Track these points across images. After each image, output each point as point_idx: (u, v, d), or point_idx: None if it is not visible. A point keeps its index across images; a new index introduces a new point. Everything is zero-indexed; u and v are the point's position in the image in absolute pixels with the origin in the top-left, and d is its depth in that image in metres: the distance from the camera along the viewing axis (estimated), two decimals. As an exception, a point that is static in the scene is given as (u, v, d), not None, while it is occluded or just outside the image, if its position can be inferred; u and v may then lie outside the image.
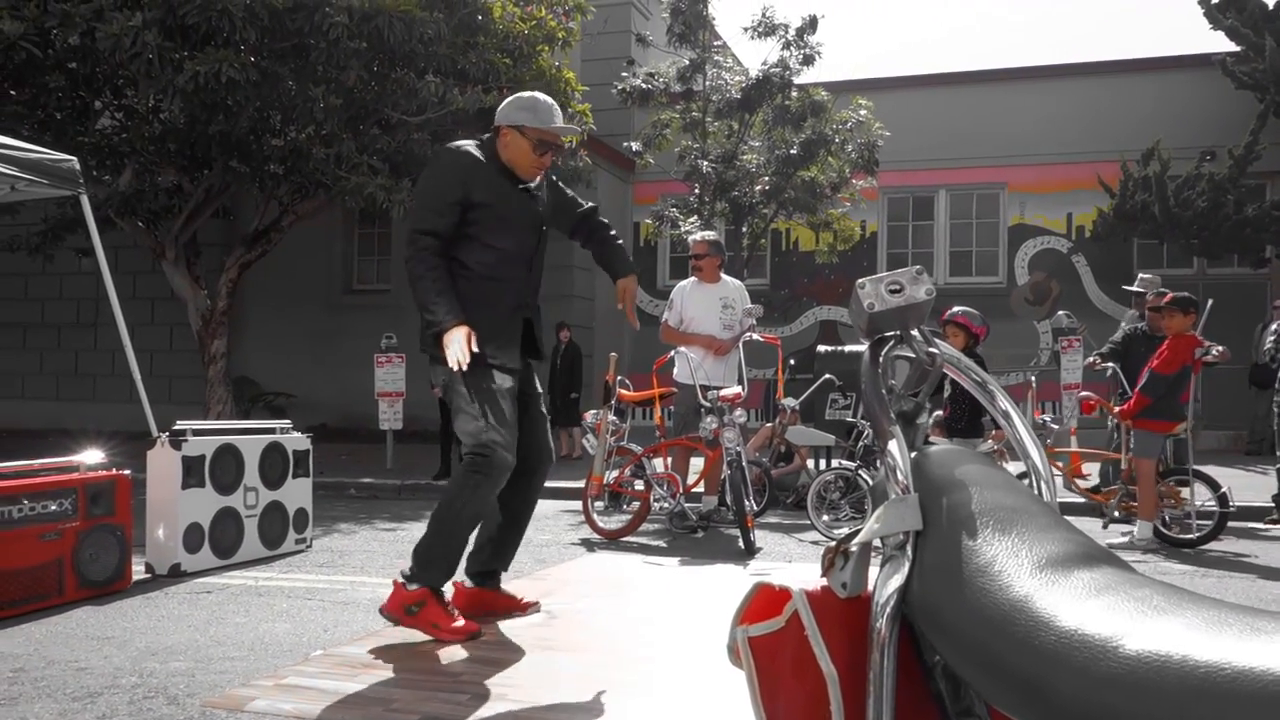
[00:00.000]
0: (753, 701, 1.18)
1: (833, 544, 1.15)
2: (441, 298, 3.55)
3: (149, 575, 4.96)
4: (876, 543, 1.11)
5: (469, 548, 3.84)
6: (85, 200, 6.18)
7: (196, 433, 5.12)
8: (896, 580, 1.03)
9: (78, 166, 6.06)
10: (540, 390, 4.07)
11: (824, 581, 1.15)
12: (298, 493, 5.79)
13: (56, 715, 2.89)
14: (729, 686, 3.14)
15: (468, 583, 3.97)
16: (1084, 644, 0.78)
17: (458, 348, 3.45)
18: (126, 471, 4.79)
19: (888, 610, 1.03)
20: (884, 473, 1.14)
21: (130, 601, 4.44)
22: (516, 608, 4.01)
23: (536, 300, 4.00)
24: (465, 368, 3.45)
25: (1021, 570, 0.91)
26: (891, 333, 1.31)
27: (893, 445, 1.14)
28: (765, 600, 1.19)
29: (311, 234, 14.52)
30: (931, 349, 1.28)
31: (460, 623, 3.61)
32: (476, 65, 10.55)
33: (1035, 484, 1.18)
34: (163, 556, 4.99)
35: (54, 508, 4.37)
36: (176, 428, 5.15)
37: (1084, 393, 6.45)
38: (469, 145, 3.81)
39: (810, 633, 1.10)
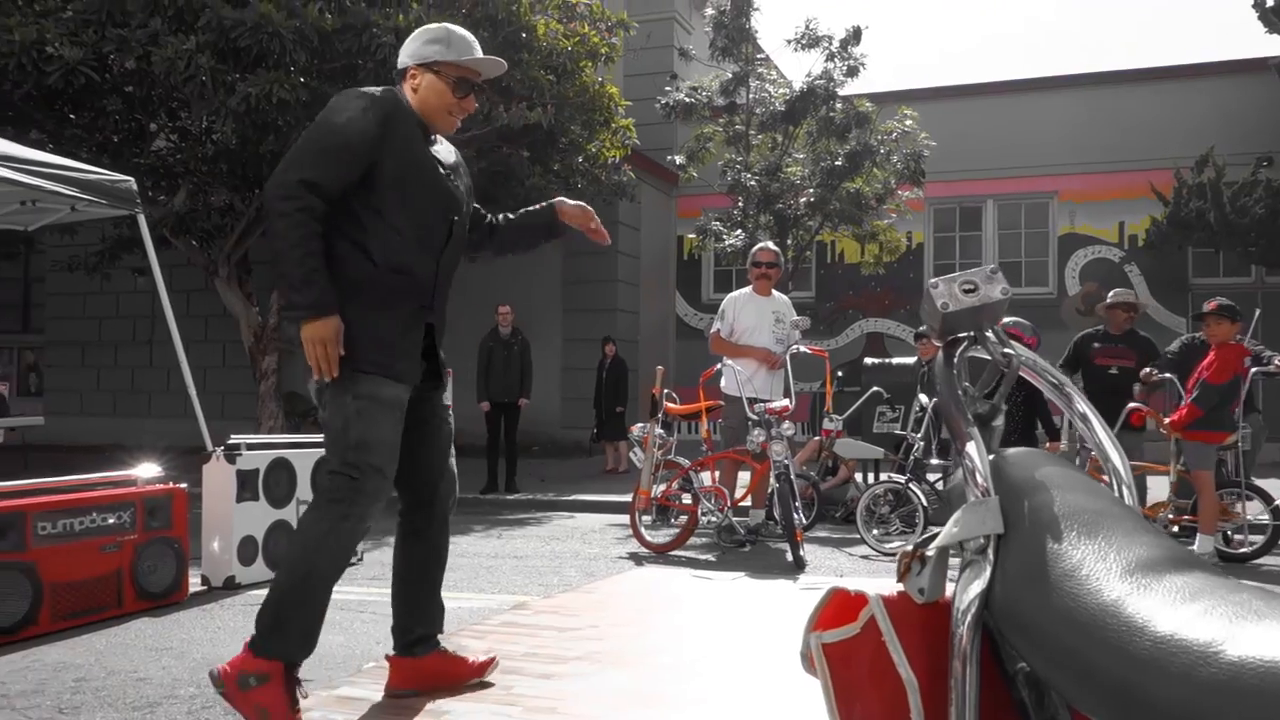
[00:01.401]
0: (828, 709, 1.15)
1: (909, 549, 1.12)
2: (315, 276, 2.72)
3: (205, 587, 5.03)
4: (955, 547, 1.08)
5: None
6: (142, 219, 6.31)
7: (250, 447, 5.20)
8: (978, 585, 1.01)
9: (134, 187, 6.20)
10: (447, 407, 3.30)
11: (900, 587, 1.13)
12: (348, 506, 5.83)
13: (117, 725, 2.93)
14: (783, 701, 3.10)
15: (396, 654, 3.21)
16: (1183, 649, 0.75)
17: (323, 353, 2.74)
18: (183, 485, 4.87)
19: (969, 616, 1.00)
20: (962, 475, 1.11)
21: (187, 613, 4.50)
22: (469, 674, 3.21)
23: (444, 305, 3.19)
24: (330, 378, 2.78)
25: (1111, 574, 0.88)
26: (965, 333, 1.29)
27: (971, 447, 1.12)
28: (839, 606, 1.16)
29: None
30: (1007, 350, 1.25)
31: (296, 716, 2.72)
32: (521, 82, 10.65)
33: (1116, 488, 1.15)
34: (218, 569, 5.06)
35: (113, 521, 4.45)
36: (231, 442, 5.23)
37: (1132, 404, 6.30)
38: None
39: (888, 639, 1.07)
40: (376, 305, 2.87)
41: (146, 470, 4.84)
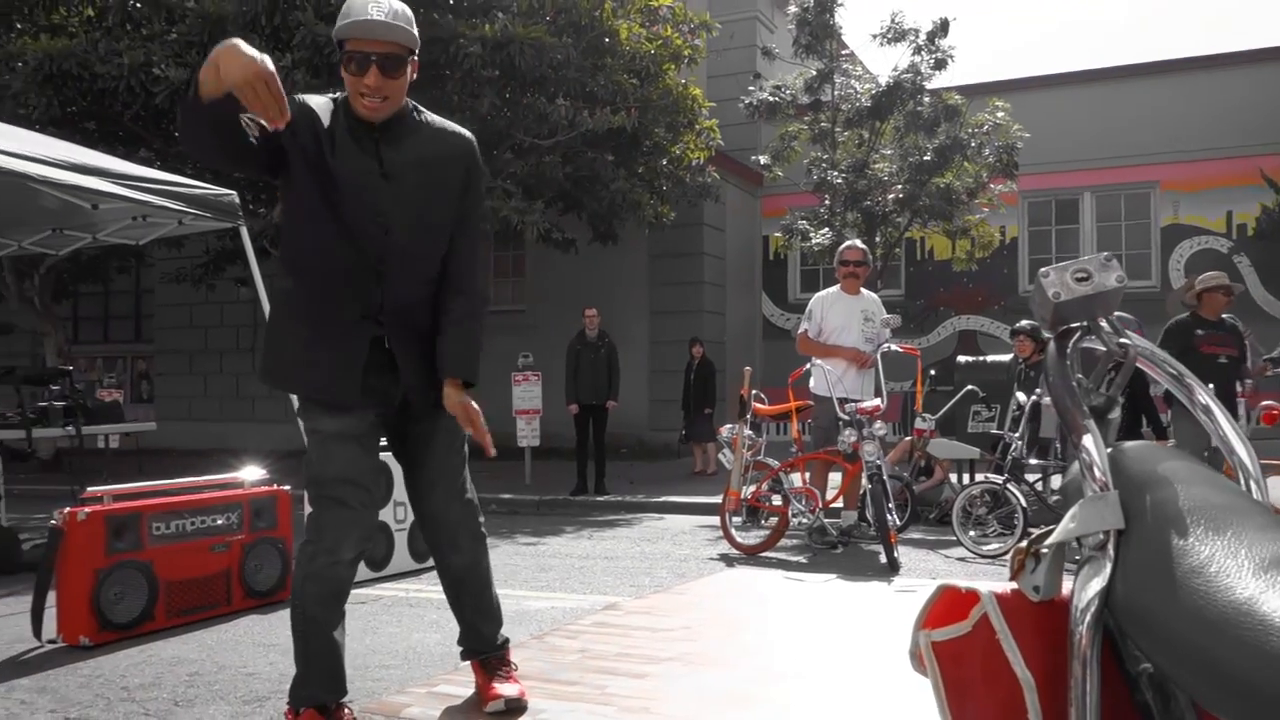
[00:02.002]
0: (939, 708, 1.13)
1: (1022, 545, 1.09)
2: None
3: (306, 587, 5.18)
4: (1072, 543, 1.05)
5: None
6: (244, 231, 6.55)
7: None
8: (1098, 583, 0.98)
9: (237, 200, 6.43)
10: (442, 422, 2.85)
11: (1013, 585, 1.10)
12: (443, 508, 5.95)
13: (230, 717, 3.05)
14: (879, 705, 3.06)
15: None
16: None
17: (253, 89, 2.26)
18: (286, 487, 5.04)
19: (1089, 615, 0.97)
20: (1078, 469, 1.08)
21: (291, 611, 4.65)
22: (483, 697, 3.04)
23: (415, 320, 2.75)
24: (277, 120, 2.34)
25: (1243, 570, 0.84)
26: (1078, 324, 1.25)
27: (1088, 440, 1.08)
28: (949, 603, 1.14)
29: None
30: (1123, 340, 1.21)
31: None
32: (605, 87, 10.73)
33: (1244, 482, 1.10)
34: (320, 568, 5.20)
35: (222, 522, 4.63)
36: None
37: (1266, 402, 6.01)
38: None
39: (1002, 637, 1.05)
40: (305, 321, 2.70)
41: (252, 473, 5.02)
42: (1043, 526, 1.21)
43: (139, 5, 10.81)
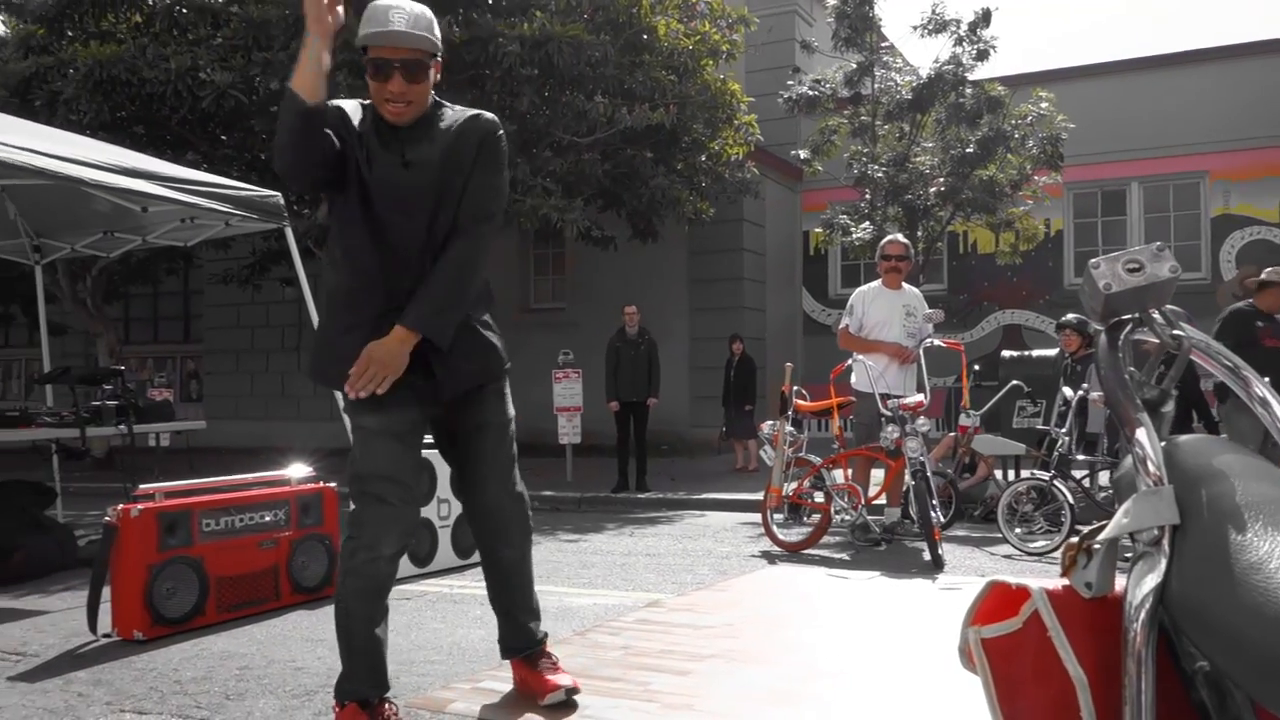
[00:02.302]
0: (989, 705, 1.12)
1: (1074, 541, 1.08)
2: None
3: (351, 583, 5.25)
4: (1125, 539, 1.03)
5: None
6: (289, 232, 6.63)
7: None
8: (1152, 579, 0.96)
9: (282, 201, 6.52)
10: (487, 417, 2.95)
11: (1064, 581, 1.08)
12: (486, 504, 6.00)
13: (279, 710, 3.10)
14: (923, 702, 3.03)
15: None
16: None
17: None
18: (332, 484, 5.10)
19: (1144, 612, 0.95)
20: (1131, 464, 1.06)
21: (338, 607, 4.71)
22: (542, 691, 3.01)
23: (442, 309, 2.73)
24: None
25: None
26: (1129, 315, 1.22)
27: (1141, 434, 1.06)
28: (999, 600, 1.13)
29: (489, 255, 15.09)
30: (1177, 331, 1.18)
31: None
32: (643, 84, 10.73)
33: None
34: (365, 565, 5.27)
35: (270, 518, 4.70)
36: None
37: None
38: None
39: (1054, 634, 1.04)
40: (345, 318, 2.75)
41: (298, 470, 5.09)
42: (1090, 524, 1.19)
43: (185, 11, 11.01)
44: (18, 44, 11.41)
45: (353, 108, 2.77)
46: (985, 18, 11.94)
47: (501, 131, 2.88)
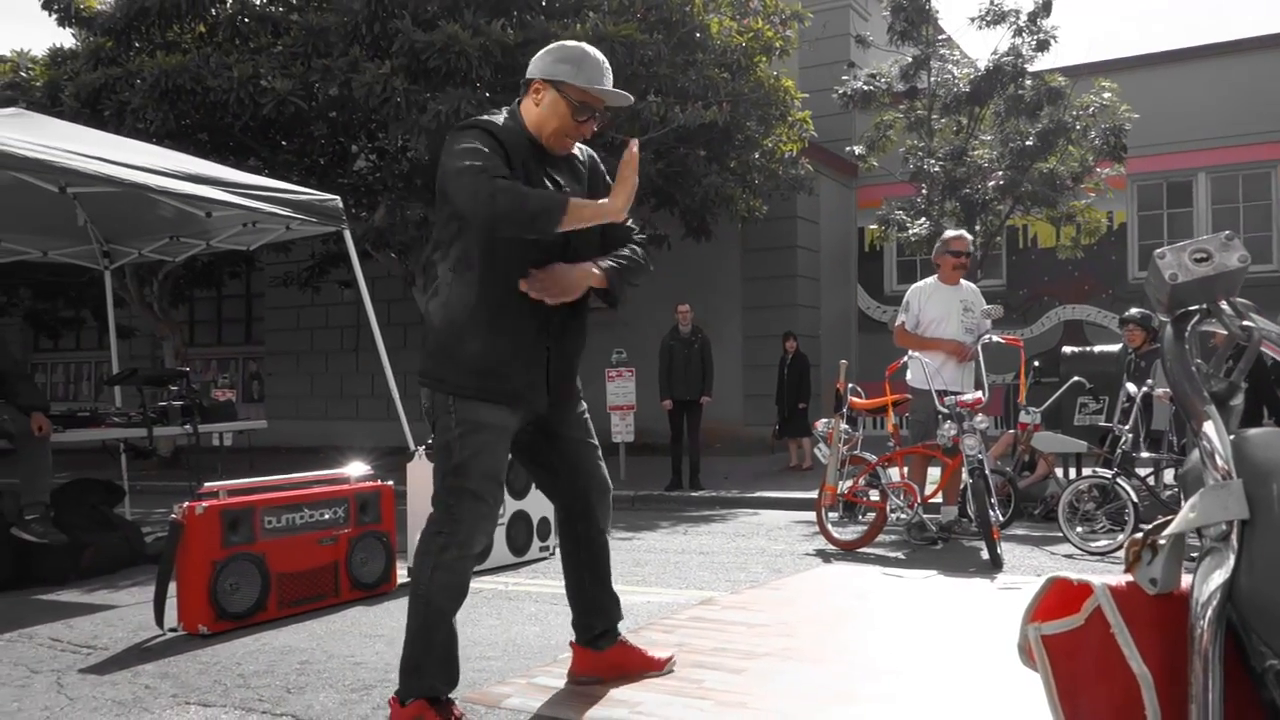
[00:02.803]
0: (1050, 702, 1.10)
1: (1138, 536, 1.05)
2: (539, 193, 2.79)
3: (410, 579, 5.32)
4: (1191, 535, 1.00)
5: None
6: (348, 235, 6.75)
7: (443, 446, 5.46)
8: (1220, 575, 0.93)
9: (340, 204, 6.64)
10: (584, 414, 3.19)
11: (1128, 577, 1.06)
12: (540, 503, 6.04)
13: (339, 704, 3.16)
14: (982, 703, 2.98)
15: (580, 644, 3.32)
16: None
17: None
18: (390, 483, 5.18)
19: (1211, 609, 0.92)
20: (1198, 458, 1.03)
21: (396, 603, 4.78)
22: (647, 666, 3.28)
23: (575, 328, 3.03)
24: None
25: None
26: (1197, 306, 1.19)
27: (1209, 427, 1.03)
28: (1060, 596, 1.10)
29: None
30: (1246, 322, 1.15)
31: None
32: (696, 82, 10.70)
33: None
34: (422, 562, 5.34)
35: (329, 516, 4.79)
36: (431, 442, 5.51)
37: None
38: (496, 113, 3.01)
39: (1117, 631, 1.01)
40: (490, 328, 2.82)
41: (356, 469, 5.18)
42: (1156, 520, 1.16)
43: (247, 20, 11.24)
44: (88, 56, 11.75)
45: (505, 132, 2.87)
46: (1046, 7, 11.70)
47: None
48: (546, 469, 3.19)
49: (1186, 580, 1.02)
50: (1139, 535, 1.06)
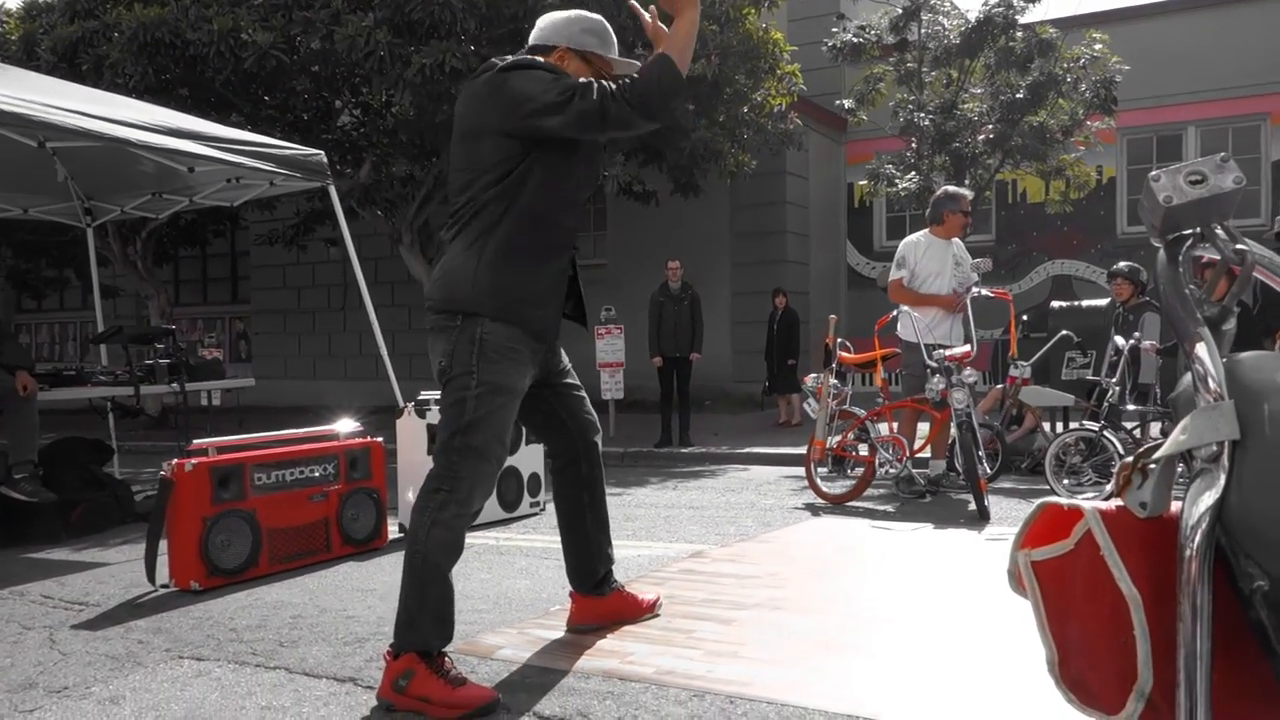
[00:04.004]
0: (1039, 628, 1.11)
1: (1128, 460, 1.05)
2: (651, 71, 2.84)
3: (401, 534, 5.34)
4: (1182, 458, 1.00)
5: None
6: (333, 191, 6.68)
7: (439, 403, 5.45)
8: (1210, 496, 0.93)
9: (325, 160, 6.56)
10: (567, 361, 3.28)
11: (1118, 501, 1.06)
12: (531, 459, 6.06)
13: (331, 656, 3.17)
14: (970, 650, 3.02)
15: (581, 593, 3.37)
16: None
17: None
18: (379, 439, 5.17)
19: (1201, 530, 0.93)
20: (1190, 380, 1.03)
21: (387, 558, 4.80)
22: (643, 610, 3.43)
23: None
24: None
25: None
26: (1190, 230, 1.18)
27: (1201, 349, 1.03)
28: (1050, 522, 1.11)
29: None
30: (1240, 246, 1.14)
31: (461, 688, 2.67)
32: (684, 34, 10.55)
33: None
34: (413, 518, 5.35)
35: (319, 473, 4.78)
36: (420, 399, 5.51)
37: None
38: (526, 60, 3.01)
39: (1107, 554, 1.01)
40: (542, 262, 2.90)
41: (346, 426, 5.17)
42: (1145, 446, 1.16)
43: (226, -29, 11.02)
44: (64, 9, 11.52)
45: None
46: (1037, -42, 11.57)
47: None
48: (548, 417, 3.23)
49: (1176, 505, 1.03)
50: (1130, 460, 1.06)
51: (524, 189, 2.86)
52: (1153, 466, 1.03)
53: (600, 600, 3.32)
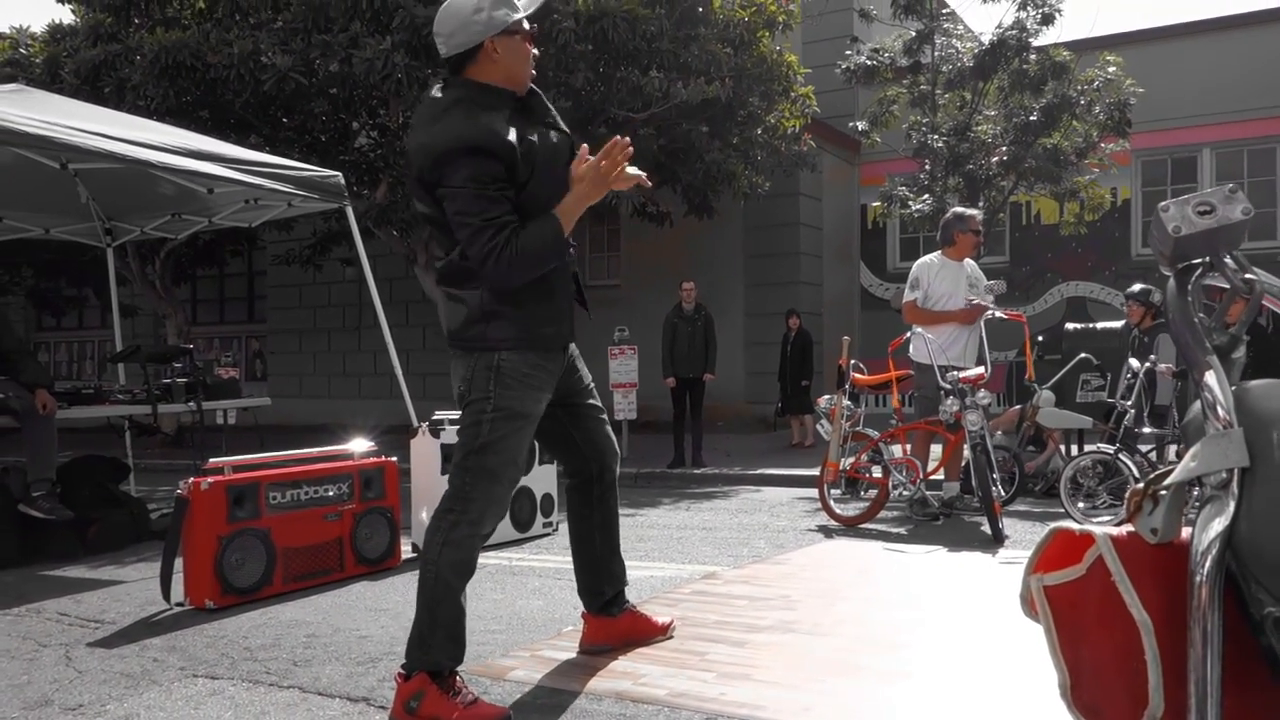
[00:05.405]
0: (1051, 653, 1.11)
1: (1139, 486, 1.06)
2: (548, 228, 2.79)
3: (415, 554, 5.34)
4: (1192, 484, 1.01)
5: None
6: (350, 212, 6.73)
7: (453, 423, 5.47)
8: (1220, 523, 0.94)
9: (342, 181, 6.62)
10: (589, 381, 3.26)
11: (1129, 527, 1.07)
12: (544, 479, 6.07)
13: (344, 676, 3.18)
14: (985, 675, 3.01)
15: (592, 613, 3.37)
16: None
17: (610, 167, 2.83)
18: (394, 459, 5.20)
19: (1211, 556, 0.93)
20: (1200, 408, 1.04)
21: (401, 578, 4.81)
22: (656, 631, 3.42)
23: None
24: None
25: None
26: (1200, 259, 1.20)
27: (1210, 377, 1.04)
28: (1062, 547, 1.11)
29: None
30: (1249, 275, 1.15)
31: (472, 708, 2.69)
32: (698, 57, 10.64)
33: None
34: (426, 537, 5.36)
35: (334, 492, 4.81)
36: (434, 419, 5.53)
37: None
38: (446, 90, 2.88)
39: (1118, 579, 1.02)
40: (544, 286, 2.86)
41: (360, 445, 5.20)
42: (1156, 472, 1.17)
43: (246, -5, 11.17)
44: (87, 33, 11.70)
45: (498, 126, 2.76)
46: (1050, -19, 11.61)
47: None
48: (564, 438, 3.23)
49: (1187, 531, 1.03)
50: (1140, 485, 1.07)
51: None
52: (1163, 493, 1.04)
53: (612, 621, 3.33)
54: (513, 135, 2.76)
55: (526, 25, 2.90)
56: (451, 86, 2.86)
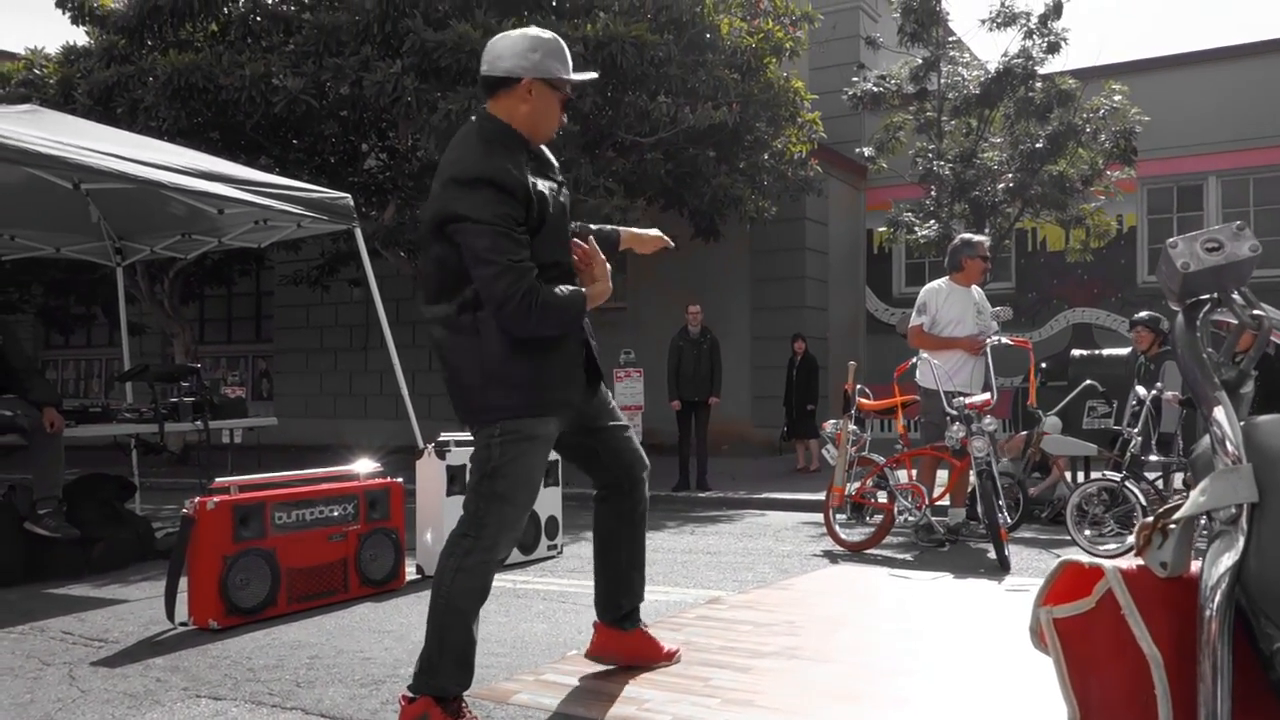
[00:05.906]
0: (1061, 685, 1.11)
1: (1149, 520, 1.07)
2: (571, 304, 2.85)
3: (419, 575, 5.34)
4: (1201, 519, 1.01)
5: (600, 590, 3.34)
6: (358, 233, 6.77)
7: (459, 444, 5.48)
8: (1229, 558, 0.94)
9: (351, 203, 6.66)
10: (610, 401, 3.25)
11: (1139, 560, 1.07)
12: (549, 501, 6.06)
13: (348, 698, 3.18)
14: (989, 703, 2.99)
15: (605, 624, 3.39)
16: None
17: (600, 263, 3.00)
18: (399, 480, 5.20)
19: (1220, 591, 0.94)
20: (1209, 443, 1.04)
21: (405, 599, 4.80)
22: (661, 657, 3.39)
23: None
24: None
25: None
26: (1208, 295, 1.20)
27: (1219, 412, 1.05)
28: (1072, 579, 1.12)
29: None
30: (1257, 311, 1.16)
31: None
32: (706, 83, 10.71)
33: None
34: (431, 559, 5.35)
35: (339, 512, 4.81)
36: (440, 440, 5.54)
37: None
38: (482, 128, 2.88)
39: (1128, 613, 1.02)
40: (542, 348, 2.83)
41: (366, 466, 5.20)
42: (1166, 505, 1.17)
43: (259, 19, 11.29)
44: (101, 54, 11.83)
45: (514, 166, 2.77)
46: (1056, 9, 11.66)
47: None
48: (592, 458, 3.25)
49: (1196, 565, 1.03)
50: (1150, 519, 1.07)
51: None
52: (1173, 526, 1.04)
53: (623, 635, 3.33)
54: (532, 181, 2.79)
55: (568, 90, 2.97)
56: (484, 120, 2.89)
